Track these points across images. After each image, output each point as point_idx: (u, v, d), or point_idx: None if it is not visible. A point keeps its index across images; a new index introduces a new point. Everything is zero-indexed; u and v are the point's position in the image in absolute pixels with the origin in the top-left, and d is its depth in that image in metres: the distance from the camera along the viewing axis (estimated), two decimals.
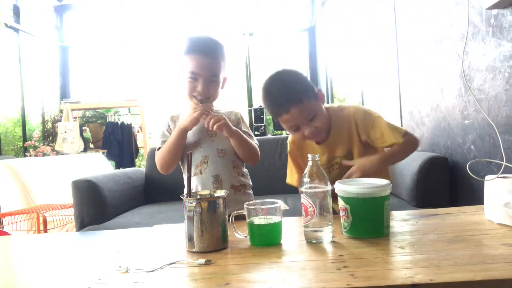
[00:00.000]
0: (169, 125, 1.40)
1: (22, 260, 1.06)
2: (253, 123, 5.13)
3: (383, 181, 0.98)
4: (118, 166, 4.71)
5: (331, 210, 0.95)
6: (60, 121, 4.60)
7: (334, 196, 1.01)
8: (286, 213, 1.17)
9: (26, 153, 4.39)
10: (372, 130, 1.23)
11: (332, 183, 0.98)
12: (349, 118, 1.28)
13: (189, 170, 1.01)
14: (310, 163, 0.96)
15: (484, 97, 1.55)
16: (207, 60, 1.28)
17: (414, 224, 1.05)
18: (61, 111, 4.82)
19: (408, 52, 2.34)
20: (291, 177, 1.40)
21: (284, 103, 1.19)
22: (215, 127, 1.26)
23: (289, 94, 1.19)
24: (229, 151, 1.37)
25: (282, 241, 0.96)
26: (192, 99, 1.32)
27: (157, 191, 2.57)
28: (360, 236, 0.95)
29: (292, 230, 1.07)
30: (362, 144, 1.28)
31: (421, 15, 2.13)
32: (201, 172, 1.34)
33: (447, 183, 1.84)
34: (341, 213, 0.98)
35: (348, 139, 1.29)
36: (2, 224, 2.70)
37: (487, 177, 1.07)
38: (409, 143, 1.21)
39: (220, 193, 1.00)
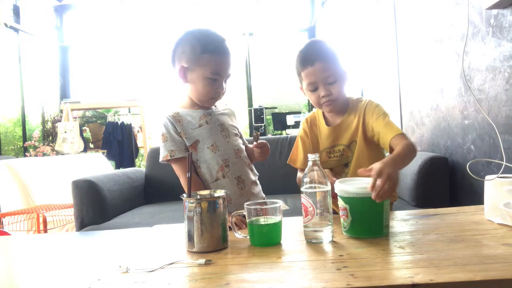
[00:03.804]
0: (175, 126, 1.27)
1: (22, 260, 1.06)
2: (253, 123, 5.13)
3: None
4: (118, 166, 4.72)
5: (331, 210, 0.95)
6: (60, 121, 4.61)
7: (334, 197, 1.01)
8: (286, 213, 1.17)
9: (26, 153, 4.40)
10: (377, 120, 1.25)
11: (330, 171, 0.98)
12: (361, 108, 1.31)
13: (189, 171, 1.00)
14: (310, 163, 0.96)
15: (484, 97, 1.55)
16: (228, 59, 1.26)
17: (414, 224, 1.05)
18: (61, 111, 4.82)
19: (408, 52, 2.34)
20: (294, 158, 1.40)
21: (312, 56, 1.25)
22: (261, 157, 1.32)
23: (320, 51, 1.27)
24: (242, 149, 1.36)
25: (282, 241, 0.96)
26: (208, 100, 1.29)
27: (157, 191, 2.57)
28: (359, 236, 0.95)
29: (292, 230, 1.07)
30: (364, 138, 1.29)
31: (421, 15, 2.13)
32: (224, 176, 1.28)
33: (447, 183, 1.84)
34: (340, 213, 0.98)
35: (355, 128, 1.30)
36: (2, 224, 2.70)
37: (487, 177, 1.07)
38: (411, 144, 1.17)
39: (220, 193, 1.00)
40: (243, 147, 1.38)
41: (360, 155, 1.30)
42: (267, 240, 0.95)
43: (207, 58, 1.22)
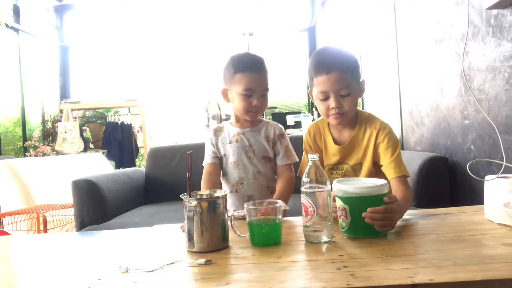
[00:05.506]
0: (211, 139, 1.44)
1: (22, 260, 1.06)
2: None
3: (380, 181, 0.99)
4: (118, 166, 4.72)
5: (331, 210, 0.95)
6: (60, 121, 4.61)
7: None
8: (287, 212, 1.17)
9: (26, 153, 4.39)
10: (386, 151, 1.22)
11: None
12: (373, 130, 1.26)
13: (189, 170, 1.01)
14: (310, 164, 0.96)
15: (484, 97, 1.55)
16: (259, 75, 1.34)
17: (414, 224, 1.05)
18: (61, 111, 4.82)
19: (408, 52, 2.34)
20: (302, 171, 1.40)
21: (329, 63, 1.20)
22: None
23: (338, 59, 1.22)
24: (264, 174, 1.40)
25: (282, 241, 0.96)
26: (247, 114, 1.36)
27: (157, 191, 2.57)
28: (359, 236, 0.95)
29: (292, 230, 1.07)
30: (372, 163, 1.27)
31: (421, 15, 2.13)
32: (236, 191, 1.40)
33: (447, 183, 1.84)
34: (339, 213, 0.98)
35: (364, 150, 1.28)
36: (2, 224, 2.70)
37: (487, 177, 1.07)
38: (411, 195, 1.18)
39: (220, 193, 1.00)
40: (267, 170, 1.40)
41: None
42: (267, 240, 0.95)
43: (239, 76, 1.33)
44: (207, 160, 1.42)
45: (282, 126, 1.46)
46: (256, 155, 1.39)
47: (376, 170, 1.27)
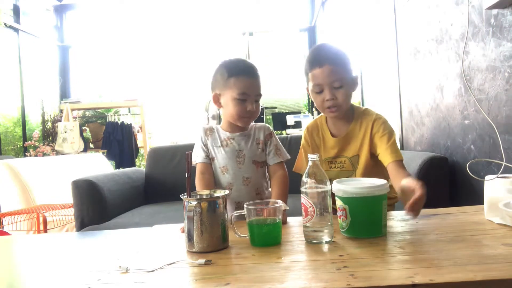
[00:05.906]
0: (201, 138, 1.41)
1: (22, 260, 1.06)
2: (254, 123, 5.13)
3: (380, 181, 0.99)
4: (118, 166, 4.72)
5: (331, 210, 0.95)
6: (60, 121, 4.61)
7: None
8: (286, 213, 1.17)
9: (26, 153, 4.40)
10: (382, 139, 1.25)
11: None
12: (369, 121, 1.30)
13: (189, 170, 1.01)
14: (310, 163, 0.96)
15: (484, 97, 1.55)
16: (254, 80, 1.34)
17: (414, 224, 1.05)
18: (61, 111, 4.82)
19: (408, 52, 2.34)
20: (299, 166, 1.40)
21: (322, 57, 1.26)
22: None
23: (331, 54, 1.28)
24: (254, 180, 1.38)
25: (282, 241, 0.96)
26: (241, 119, 1.35)
27: (157, 191, 2.57)
28: (359, 236, 0.95)
29: (292, 230, 1.07)
30: (369, 154, 1.29)
31: (421, 15, 2.13)
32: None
33: (447, 183, 1.84)
34: (338, 213, 0.98)
35: (361, 142, 1.30)
36: (2, 224, 2.70)
37: (487, 177, 1.07)
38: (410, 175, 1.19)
39: (220, 193, 1.00)
40: (258, 176, 1.38)
41: (364, 171, 1.29)
42: (267, 240, 0.95)
43: (233, 80, 1.32)
44: (199, 159, 1.39)
45: (269, 126, 1.46)
46: (246, 160, 1.37)
47: (374, 163, 1.29)
